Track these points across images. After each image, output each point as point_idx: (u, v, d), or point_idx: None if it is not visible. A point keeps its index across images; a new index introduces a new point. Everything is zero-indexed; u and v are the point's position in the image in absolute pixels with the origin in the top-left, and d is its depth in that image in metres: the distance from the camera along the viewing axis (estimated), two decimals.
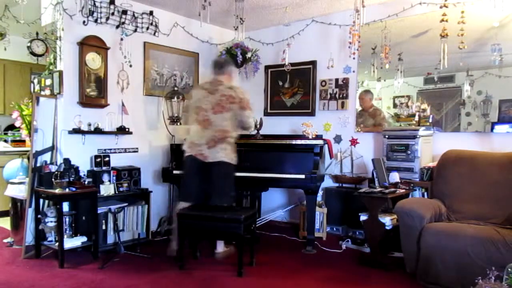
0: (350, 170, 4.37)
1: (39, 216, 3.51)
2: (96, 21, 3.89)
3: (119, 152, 4.16)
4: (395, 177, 3.55)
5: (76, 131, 3.73)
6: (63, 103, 3.74)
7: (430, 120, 4.00)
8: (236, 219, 3.09)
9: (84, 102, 3.81)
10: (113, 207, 3.70)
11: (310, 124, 4.06)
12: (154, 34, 4.43)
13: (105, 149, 4.02)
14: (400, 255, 3.26)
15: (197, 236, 3.47)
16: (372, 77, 4.37)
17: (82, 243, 3.51)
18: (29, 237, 3.57)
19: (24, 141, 4.83)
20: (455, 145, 3.61)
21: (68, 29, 3.72)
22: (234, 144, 3.53)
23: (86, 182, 3.61)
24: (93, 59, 3.85)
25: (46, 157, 3.69)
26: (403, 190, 3.47)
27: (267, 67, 5.20)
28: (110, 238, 3.75)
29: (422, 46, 4.02)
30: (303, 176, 3.67)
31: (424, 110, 4.05)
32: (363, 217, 3.43)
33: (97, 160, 3.81)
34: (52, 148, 3.72)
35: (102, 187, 3.68)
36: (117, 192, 3.76)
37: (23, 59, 5.22)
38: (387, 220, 3.29)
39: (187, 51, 4.82)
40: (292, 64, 4.71)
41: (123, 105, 4.08)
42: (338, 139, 4.62)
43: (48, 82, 3.82)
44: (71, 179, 3.47)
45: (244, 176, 3.71)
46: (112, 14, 3.99)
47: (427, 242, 2.86)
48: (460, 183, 3.33)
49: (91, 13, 3.83)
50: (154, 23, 4.40)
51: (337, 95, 4.61)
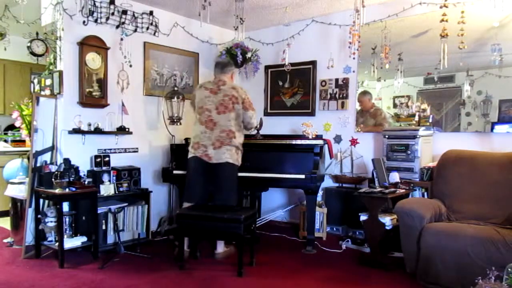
0: (350, 170, 4.37)
1: (39, 216, 3.51)
2: (96, 21, 3.89)
3: (119, 152, 4.16)
4: (395, 177, 3.55)
5: (76, 131, 3.73)
6: (63, 103, 3.74)
7: (430, 120, 4.01)
8: (236, 219, 3.09)
9: (84, 102, 3.81)
10: (113, 207, 3.70)
11: (310, 124, 4.06)
12: (154, 34, 4.43)
13: (105, 149, 4.02)
14: (400, 255, 3.26)
15: (197, 236, 3.47)
16: (372, 77, 4.37)
17: (82, 243, 3.51)
18: (29, 237, 3.57)
19: (24, 141, 4.83)
20: (455, 145, 3.61)
21: (68, 29, 3.72)
22: (241, 147, 3.54)
23: (86, 182, 3.61)
24: (93, 59, 3.85)
25: (46, 157, 3.69)
26: (403, 190, 3.46)
27: (267, 67, 5.20)
28: (110, 238, 3.75)
29: (422, 46, 4.02)
30: (303, 176, 3.67)
31: (424, 110, 4.05)
32: (363, 217, 3.43)
33: (97, 160, 3.81)
34: (52, 148, 3.72)
35: (102, 187, 3.68)
36: (117, 192, 3.76)
37: (23, 59, 5.22)
38: (387, 220, 3.29)
39: (187, 51, 4.82)
40: (292, 64, 4.71)
41: (123, 105, 4.08)
42: (338, 139, 4.62)
43: (48, 82, 3.82)
44: (71, 179, 3.47)
45: (244, 176, 3.71)
46: (112, 14, 3.99)
47: (427, 242, 2.86)
48: (460, 183, 3.33)
49: (91, 13, 3.84)
50: (154, 23, 4.40)
51: (337, 95, 4.61)
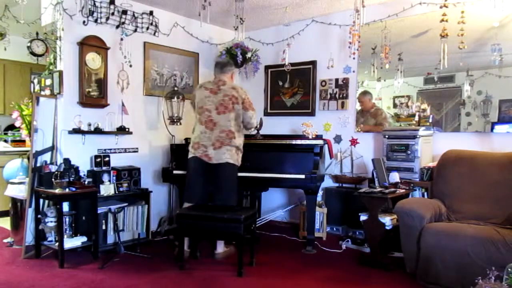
0: (350, 170, 4.37)
1: (39, 216, 3.51)
2: (96, 21, 3.89)
3: (119, 152, 4.16)
4: (395, 177, 3.55)
5: (76, 131, 3.73)
6: (63, 103, 3.74)
7: (430, 120, 4.01)
8: (236, 219, 3.09)
9: (84, 102, 3.81)
10: (113, 207, 3.70)
11: (310, 124, 4.06)
12: (154, 34, 4.43)
13: (105, 149, 4.02)
14: (400, 255, 3.26)
15: (197, 236, 3.47)
16: (372, 77, 4.37)
17: (82, 243, 3.51)
18: (29, 237, 3.57)
19: (24, 141, 4.83)
20: (455, 145, 3.61)
21: (68, 29, 3.72)
22: (241, 147, 3.54)
23: (86, 182, 3.60)
24: (93, 59, 3.85)
25: (46, 157, 3.69)
26: (403, 190, 3.46)
27: (267, 67, 5.20)
28: (110, 238, 3.75)
29: (422, 46, 4.02)
30: (303, 176, 3.67)
31: (424, 110, 4.05)
32: (363, 217, 3.43)
33: (97, 160, 3.81)
34: (52, 148, 3.72)
35: (102, 187, 3.68)
36: (117, 192, 3.76)
37: (23, 59, 5.22)
38: (387, 220, 3.29)
39: (187, 51, 4.82)
40: (292, 64, 4.71)
41: (123, 105, 4.08)
42: (338, 139, 4.62)
43: (48, 82, 3.82)
44: (71, 179, 3.47)
45: (244, 176, 3.70)
46: (112, 14, 3.99)
47: (427, 242, 2.86)
48: (460, 183, 3.33)
49: (91, 13, 3.83)
50: (154, 23, 4.40)
51: (337, 95, 4.61)
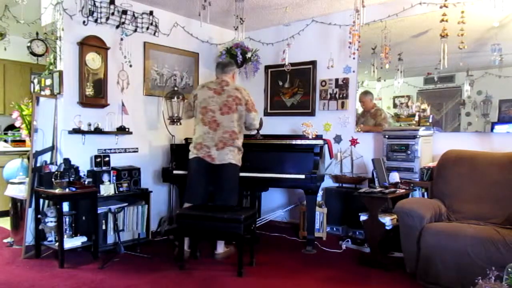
0: (350, 170, 4.37)
1: (39, 216, 3.51)
2: (96, 21, 3.89)
3: (119, 152, 4.16)
4: (395, 177, 3.55)
5: (76, 131, 3.73)
6: (63, 103, 3.74)
7: (430, 120, 4.00)
8: (236, 219, 3.09)
9: (84, 102, 3.81)
10: (113, 207, 3.69)
11: (310, 124, 4.07)
12: (154, 34, 4.43)
13: (105, 149, 4.02)
14: (400, 255, 3.26)
15: (197, 236, 3.47)
16: (372, 77, 4.37)
17: (82, 243, 3.51)
18: (29, 237, 3.57)
19: (24, 141, 4.83)
20: (455, 145, 3.61)
21: (68, 29, 3.72)
22: (241, 148, 3.54)
23: (86, 182, 3.60)
24: (93, 59, 3.84)
25: (46, 157, 3.69)
26: (403, 190, 3.46)
27: (267, 67, 5.20)
28: (110, 238, 3.74)
29: (422, 46, 4.02)
30: (303, 176, 3.67)
31: (424, 110, 4.05)
32: (363, 217, 3.43)
33: (97, 160, 3.81)
34: (52, 148, 3.72)
35: (102, 187, 3.68)
36: (117, 192, 3.76)
37: (23, 59, 5.22)
38: (387, 220, 3.29)
39: (187, 51, 4.82)
40: (292, 64, 4.71)
41: (123, 105, 4.08)
42: (338, 139, 4.62)
43: (48, 82, 3.82)
44: (71, 179, 3.47)
45: (244, 176, 3.70)
46: (112, 14, 3.99)
47: (427, 242, 2.86)
48: (460, 183, 3.33)
49: (91, 13, 3.83)
50: (154, 23, 4.40)
51: (337, 95, 4.61)
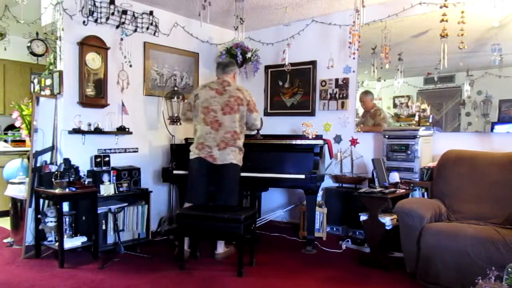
0: (350, 170, 4.36)
1: (39, 216, 3.51)
2: (96, 21, 3.89)
3: (119, 152, 4.16)
4: (395, 177, 3.55)
5: (76, 131, 3.73)
6: (63, 103, 3.74)
7: (430, 120, 4.00)
8: (236, 219, 3.09)
9: (84, 102, 3.81)
10: (113, 207, 3.69)
11: (310, 124, 4.07)
12: (154, 34, 4.43)
13: (105, 149, 4.02)
14: (400, 255, 3.26)
15: (197, 236, 3.47)
16: (372, 77, 4.37)
17: (82, 243, 3.51)
18: (29, 237, 3.57)
19: (24, 141, 4.83)
20: (455, 145, 3.61)
21: (68, 29, 3.72)
22: (242, 148, 3.55)
23: (86, 182, 3.60)
24: (93, 59, 3.84)
25: (46, 157, 3.69)
26: (403, 190, 3.46)
27: (267, 67, 5.20)
28: (110, 238, 3.74)
29: (422, 46, 4.02)
30: (303, 176, 3.67)
31: (424, 110, 4.05)
32: (363, 217, 3.43)
33: (97, 160, 3.81)
34: (52, 148, 3.72)
35: (102, 187, 3.68)
36: (117, 192, 3.76)
37: (23, 59, 5.22)
38: (387, 220, 3.29)
39: (187, 51, 4.82)
40: (292, 64, 4.71)
41: (123, 105, 4.08)
42: (338, 139, 4.62)
43: (48, 82, 3.82)
44: (71, 179, 3.47)
45: (244, 176, 3.69)
46: (112, 14, 3.99)
47: (427, 242, 2.86)
48: (460, 183, 3.33)
49: (91, 13, 3.83)
50: (154, 23, 4.40)
51: (337, 95, 4.61)
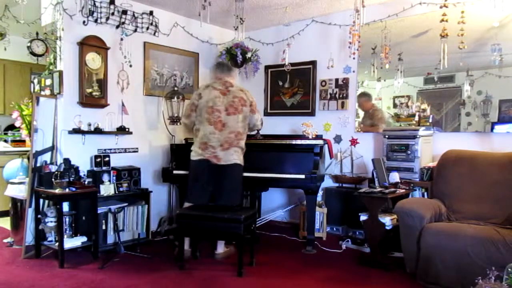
0: (350, 170, 4.37)
1: (39, 216, 3.51)
2: (96, 21, 3.89)
3: (119, 152, 4.16)
4: (395, 177, 3.55)
5: (76, 131, 3.73)
6: (63, 103, 3.74)
7: (430, 120, 4.01)
8: (236, 219, 3.09)
9: (84, 102, 3.80)
10: (113, 207, 3.70)
11: (310, 124, 4.06)
12: (154, 34, 4.43)
13: (105, 149, 4.02)
14: (400, 255, 3.26)
15: (197, 236, 3.47)
16: (372, 77, 4.37)
17: (82, 243, 3.51)
18: (29, 237, 3.57)
19: (24, 141, 4.83)
20: (455, 145, 3.61)
21: (68, 29, 3.72)
22: (244, 148, 3.56)
23: (86, 182, 3.60)
24: (93, 59, 3.84)
25: (46, 157, 3.69)
26: (403, 190, 3.46)
27: (267, 67, 5.20)
28: (110, 238, 3.74)
29: (422, 46, 4.02)
30: (303, 176, 3.67)
31: (424, 110, 4.05)
32: (363, 217, 3.43)
33: (97, 160, 3.81)
34: (52, 148, 3.72)
35: (102, 187, 3.68)
36: (117, 192, 3.76)
37: (23, 59, 5.22)
38: (387, 220, 3.29)
39: (187, 51, 4.82)
40: (292, 64, 4.71)
41: (123, 105, 4.08)
42: (338, 139, 4.62)
43: (48, 82, 3.82)
44: (71, 179, 3.47)
45: (245, 176, 3.68)
46: (112, 14, 3.99)
47: (427, 242, 2.86)
48: (460, 183, 3.33)
49: (91, 13, 3.83)
50: (154, 23, 4.40)
51: (337, 95, 4.61)
